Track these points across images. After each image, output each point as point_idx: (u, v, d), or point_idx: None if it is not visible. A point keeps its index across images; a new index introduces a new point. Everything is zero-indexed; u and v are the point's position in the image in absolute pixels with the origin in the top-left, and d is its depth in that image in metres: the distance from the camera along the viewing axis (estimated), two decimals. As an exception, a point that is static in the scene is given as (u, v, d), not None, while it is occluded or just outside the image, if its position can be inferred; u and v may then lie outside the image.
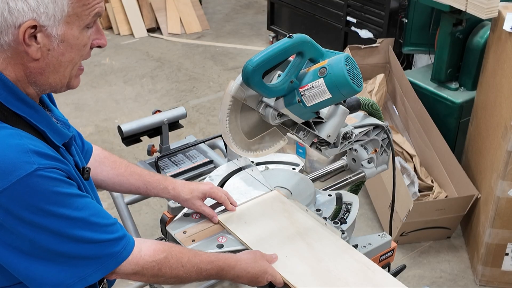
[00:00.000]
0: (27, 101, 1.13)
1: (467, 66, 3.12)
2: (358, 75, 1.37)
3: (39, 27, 1.07)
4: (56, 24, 1.08)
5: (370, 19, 4.05)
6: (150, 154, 2.42)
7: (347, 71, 1.34)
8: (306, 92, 1.39)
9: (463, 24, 3.01)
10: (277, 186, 1.70)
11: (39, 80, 1.14)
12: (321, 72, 1.36)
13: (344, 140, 1.59)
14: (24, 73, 1.12)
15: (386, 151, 1.82)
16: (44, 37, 1.08)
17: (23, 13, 1.05)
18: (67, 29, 1.10)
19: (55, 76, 1.14)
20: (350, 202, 1.65)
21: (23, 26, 1.05)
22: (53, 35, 1.09)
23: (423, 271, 2.84)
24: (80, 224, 1.12)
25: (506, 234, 2.65)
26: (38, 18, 1.06)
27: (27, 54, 1.09)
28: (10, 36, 1.07)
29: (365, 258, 1.45)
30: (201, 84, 4.58)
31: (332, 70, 1.35)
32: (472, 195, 2.82)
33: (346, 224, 1.56)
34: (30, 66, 1.11)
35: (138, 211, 3.13)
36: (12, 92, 1.11)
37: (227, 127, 1.48)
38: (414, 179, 3.07)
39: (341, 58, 1.36)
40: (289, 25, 4.94)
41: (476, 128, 2.96)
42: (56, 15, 1.07)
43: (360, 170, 1.82)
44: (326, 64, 1.37)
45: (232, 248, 1.47)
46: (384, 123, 1.74)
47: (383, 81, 3.40)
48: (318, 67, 1.38)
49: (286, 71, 1.40)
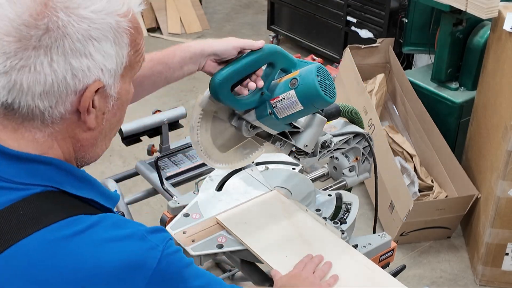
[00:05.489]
0: (87, 179, 0.92)
1: (467, 66, 3.12)
2: (330, 86, 1.31)
3: (102, 88, 0.86)
4: (115, 81, 0.88)
5: (370, 19, 4.05)
6: (150, 154, 2.42)
7: (318, 82, 1.27)
8: (278, 104, 1.33)
9: (463, 24, 3.01)
10: (277, 186, 1.70)
11: (88, 153, 0.93)
12: (292, 84, 1.30)
13: (323, 149, 1.56)
14: (73, 149, 0.90)
15: (368, 159, 1.80)
16: (101, 99, 0.87)
17: (88, 74, 0.83)
18: (121, 84, 0.90)
19: (102, 143, 0.95)
20: (350, 202, 1.65)
21: (89, 89, 0.84)
22: (110, 95, 0.89)
23: (423, 271, 2.84)
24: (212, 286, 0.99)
25: (506, 234, 2.65)
26: (102, 78, 0.85)
27: (82, 124, 0.87)
28: (67, 105, 0.84)
29: (365, 258, 1.45)
30: (201, 84, 4.57)
31: (303, 81, 1.28)
32: (472, 195, 2.82)
33: (346, 224, 1.56)
34: (82, 138, 0.90)
35: (138, 210, 3.13)
36: (72, 175, 0.89)
37: (198, 140, 1.41)
38: (414, 179, 3.07)
39: (313, 69, 1.29)
40: (289, 25, 4.94)
41: (476, 128, 2.96)
42: (117, 69, 0.87)
43: (342, 178, 1.80)
44: (297, 75, 1.30)
45: (232, 248, 1.47)
46: (364, 131, 1.71)
47: (383, 81, 3.40)
48: (289, 78, 1.31)
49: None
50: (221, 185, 1.70)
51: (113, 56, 0.86)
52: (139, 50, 0.92)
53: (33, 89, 0.81)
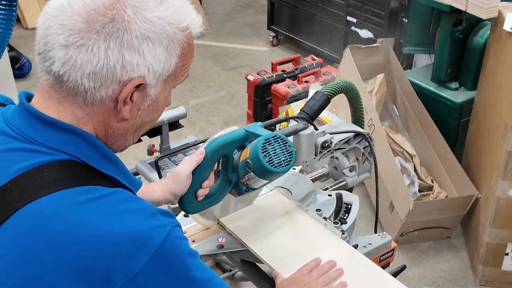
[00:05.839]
0: (113, 159, 0.99)
1: (467, 66, 3.12)
2: (280, 156, 1.25)
3: (143, 85, 0.94)
4: (157, 84, 0.96)
5: (370, 19, 4.05)
6: (150, 154, 2.42)
7: (267, 162, 1.24)
8: (247, 182, 1.32)
9: (463, 24, 3.01)
10: (277, 186, 1.70)
11: (117, 141, 1.00)
12: (248, 167, 1.27)
13: (323, 149, 1.58)
14: (105, 133, 0.98)
15: (368, 159, 1.80)
16: (140, 96, 0.95)
17: (136, 69, 0.91)
18: (162, 89, 0.98)
19: (132, 137, 1.03)
20: (350, 202, 1.65)
21: (132, 82, 0.92)
22: (149, 95, 0.97)
23: (423, 271, 2.84)
24: (214, 283, 1.00)
25: (506, 234, 2.65)
26: (146, 76, 0.93)
27: (118, 113, 0.95)
28: (109, 91, 0.92)
29: (365, 258, 1.45)
30: (201, 84, 4.58)
31: (254, 164, 1.25)
32: (472, 195, 2.82)
33: (346, 224, 1.56)
34: (115, 126, 0.97)
35: (138, 211, 3.13)
36: (99, 151, 0.96)
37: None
38: (414, 179, 3.07)
39: (258, 149, 1.24)
40: (289, 25, 4.94)
41: (476, 128, 2.96)
42: (162, 74, 0.95)
43: (342, 178, 1.81)
44: (248, 158, 1.27)
45: (232, 249, 1.48)
46: (365, 131, 1.73)
47: (383, 81, 3.40)
48: (244, 160, 1.28)
49: (220, 178, 1.34)
50: (221, 185, 1.70)
51: (162, 61, 0.94)
52: (186, 65, 1.01)
53: (84, 67, 0.89)
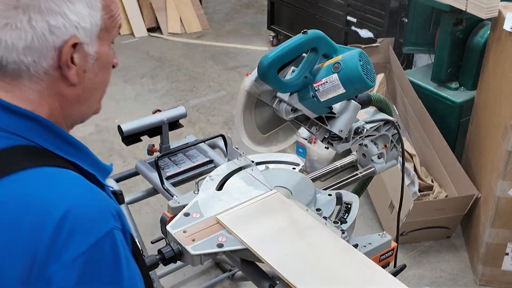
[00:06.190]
0: (73, 143, 0.99)
1: (467, 66, 3.12)
2: (371, 70, 1.41)
3: (78, 45, 0.94)
4: (92, 41, 0.97)
5: (370, 18, 4.05)
6: (150, 154, 2.42)
7: (361, 66, 1.37)
8: (320, 87, 1.42)
9: (463, 24, 3.01)
10: (277, 185, 1.70)
11: (74, 110, 1.01)
12: (335, 68, 1.39)
13: (356, 135, 1.62)
14: (59, 105, 0.98)
15: (396, 147, 1.83)
16: (80, 57, 0.96)
17: (64, 31, 0.92)
18: (100, 46, 0.99)
19: (88, 102, 1.04)
20: (350, 202, 1.65)
21: (66, 44, 0.92)
22: (89, 54, 0.97)
23: (423, 271, 2.84)
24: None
25: (506, 234, 2.65)
26: (78, 35, 0.94)
27: (65, 80, 0.96)
28: (49, 60, 0.93)
29: (365, 258, 1.45)
30: (201, 84, 4.58)
31: (346, 66, 1.38)
32: (472, 195, 2.82)
33: (346, 223, 1.56)
34: (67, 94, 0.98)
35: (138, 210, 3.13)
36: (58, 135, 0.97)
37: (241, 122, 1.53)
38: (414, 178, 3.07)
39: (355, 54, 1.39)
40: (289, 25, 4.94)
41: (476, 128, 2.96)
42: (93, 30, 0.96)
43: (371, 165, 1.83)
44: (340, 60, 1.40)
45: (232, 248, 1.48)
46: (394, 119, 1.76)
47: (383, 80, 3.40)
48: (332, 63, 1.41)
49: (301, 67, 1.43)
50: (222, 185, 1.70)
51: (87, 16, 0.95)
52: (113, 16, 1.01)
53: (16, 45, 0.90)
